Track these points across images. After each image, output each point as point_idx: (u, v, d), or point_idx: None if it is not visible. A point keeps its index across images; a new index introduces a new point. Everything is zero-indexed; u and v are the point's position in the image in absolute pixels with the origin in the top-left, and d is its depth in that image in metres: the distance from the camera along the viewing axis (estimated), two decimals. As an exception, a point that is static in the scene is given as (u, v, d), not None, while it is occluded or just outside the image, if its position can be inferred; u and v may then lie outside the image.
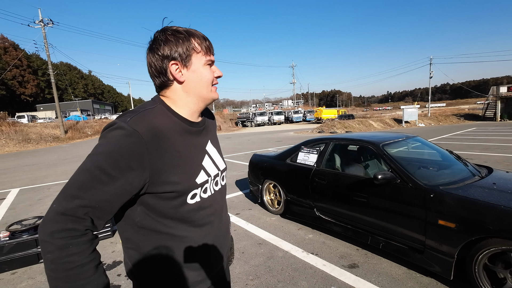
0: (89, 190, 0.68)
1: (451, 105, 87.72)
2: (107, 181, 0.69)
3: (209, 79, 0.85)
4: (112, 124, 0.73)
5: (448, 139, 13.08)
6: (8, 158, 14.09)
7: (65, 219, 0.66)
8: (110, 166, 0.69)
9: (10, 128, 21.13)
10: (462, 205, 2.11)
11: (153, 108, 0.80)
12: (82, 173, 0.70)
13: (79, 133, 26.17)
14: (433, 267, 2.24)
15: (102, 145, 0.71)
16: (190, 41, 0.81)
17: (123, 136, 0.70)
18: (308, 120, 40.45)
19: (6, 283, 2.64)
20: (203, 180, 0.86)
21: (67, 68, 69.38)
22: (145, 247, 0.81)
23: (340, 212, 3.07)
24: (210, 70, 0.86)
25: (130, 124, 0.72)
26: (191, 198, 0.83)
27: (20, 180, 7.86)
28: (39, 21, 22.64)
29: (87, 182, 0.69)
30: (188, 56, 0.81)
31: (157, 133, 0.75)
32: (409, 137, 3.39)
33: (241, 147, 13.41)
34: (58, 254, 0.66)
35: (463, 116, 30.26)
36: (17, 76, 53.98)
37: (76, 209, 0.67)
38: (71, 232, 0.67)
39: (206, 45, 0.84)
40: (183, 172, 0.80)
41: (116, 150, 0.70)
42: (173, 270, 0.83)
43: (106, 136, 0.72)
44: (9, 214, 4.80)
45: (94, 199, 0.69)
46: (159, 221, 0.80)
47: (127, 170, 0.70)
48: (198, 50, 0.82)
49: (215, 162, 0.93)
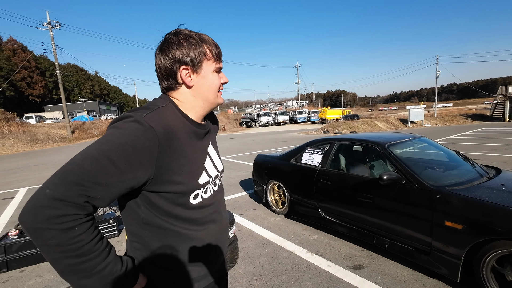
0: (93, 179, 0.65)
1: (458, 105, 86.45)
2: (114, 173, 0.67)
3: (217, 85, 0.87)
4: (127, 117, 0.72)
5: (455, 140, 12.90)
6: (16, 158, 14.35)
7: (65, 204, 0.63)
8: (120, 158, 0.67)
9: (19, 129, 21.53)
10: (469, 206, 2.08)
11: (165, 107, 0.81)
12: (87, 159, 0.66)
13: (86, 134, 26.52)
14: (440, 269, 2.21)
15: (114, 135, 0.69)
16: (202, 47, 0.82)
17: (138, 130, 0.69)
18: (312, 121, 40.28)
19: (15, 281, 2.69)
20: (205, 181, 0.87)
21: (74, 69, 70.37)
22: (151, 242, 0.82)
23: (345, 213, 3.06)
24: (218, 77, 0.87)
25: (147, 120, 0.71)
26: (194, 198, 0.84)
27: (28, 179, 8.00)
28: (47, 23, 23.03)
29: (92, 170, 0.65)
30: (199, 62, 0.82)
31: (169, 132, 0.76)
32: (415, 138, 3.36)
33: (245, 147, 13.43)
34: (64, 237, 0.63)
35: (471, 116, 29.81)
36: (25, 78, 54.97)
37: (77, 197, 0.64)
38: (74, 217, 0.64)
39: (216, 52, 0.85)
40: (187, 172, 0.81)
41: (130, 142, 0.68)
42: (178, 265, 0.84)
43: (120, 127, 0.70)
44: (17, 213, 4.88)
45: (97, 189, 0.66)
46: (163, 219, 0.81)
47: (137, 164, 0.69)
48: (209, 57, 0.84)
49: (215, 163, 0.95)
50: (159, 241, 0.82)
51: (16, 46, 55.93)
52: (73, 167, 0.66)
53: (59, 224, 0.62)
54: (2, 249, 2.84)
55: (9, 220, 4.50)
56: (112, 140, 0.68)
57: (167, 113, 0.79)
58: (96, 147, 0.68)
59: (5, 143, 19.01)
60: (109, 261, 0.71)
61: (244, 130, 32.77)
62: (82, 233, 0.65)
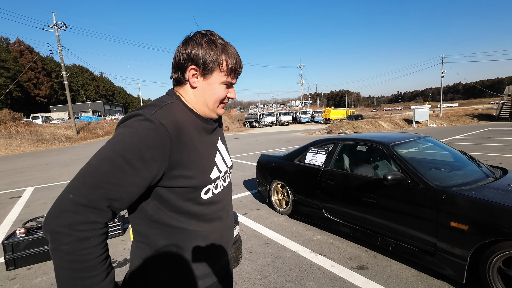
0: (112, 180, 0.67)
1: (464, 105, 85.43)
2: (130, 172, 0.68)
3: (219, 97, 0.85)
4: (136, 115, 0.73)
5: (460, 140, 12.75)
6: (23, 157, 14.55)
7: (87, 211, 0.65)
8: (135, 157, 0.68)
9: (26, 129, 21.83)
10: (475, 207, 2.06)
11: (173, 103, 0.82)
12: (103, 161, 0.67)
13: (91, 134, 26.78)
14: (445, 270, 2.20)
15: (126, 134, 0.70)
16: (220, 57, 0.81)
17: (150, 128, 0.70)
18: (316, 121, 40.15)
19: (22, 278, 2.74)
20: (216, 176, 0.88)
21: (79, 70, 71.15)
22: (156, 240, 0.83)
23: (349, 213, 3.04)
24: (224, 90, 0.85)
25: (156, 117, 0.72)
26: (205, 194, 0.85)
27: (35, 179, 8.11)
28: (53, 25, 23.32)
29: (110, 171, 0.67)
30: (210, 69, 0.81)
31: (179, 127, 0.76)
32: (420, 138, 3.33)
33: (248, 147, 13.44)
34: (77, 246, 0.65)
35: (477, 116, 29.42)
36: (32, 78, 55.79)
37: (99, 201, 0.66)
38: (94, 225, 0.66)
39: (233, 67, 0.83)
40: (199, 167, 0.82)
41: (142, 141, 0.69)
42: (182, 263, 0.85)
43: (130, 125, 0.71)
44: (24, 211, 4.96)
45: (117, 190, 0.68)
46: (171, 215, 0.81)
47: (151, 161, 0.70)
48: (223, 69, 0.82)
49: (224, 159, 0.95)
50: (165, 239, 0.82)
51: (23, 47, 56.77)
52: (91, 170, 0.67)
53: (78, 232, 0.64)
54: (9, 247, 2.88)
55: (16, 218, 4.57)
56: (124, 140, 0.69)
57: (175, 109, 0.80)
58: (109, 147, 0.69)
59: (12, 143, 19.29)
60: (105, 284, 0.71)
61: (247, 130, 32.79)
62: (94, 246, 0.67)
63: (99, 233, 0.68)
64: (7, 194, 6.36)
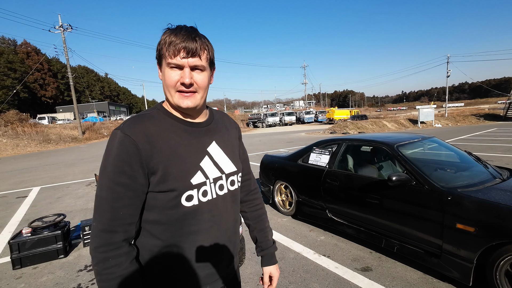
0: (112, 203, 0.75)
1: (470, 104, 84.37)
2: (122, 190, 0.75)
3: (167, 83, 0.79)
4: (111, 135, 0.79)
5: (466, 140, 12.60)
6: (30, 157, 14.74)
7: (104, 234, 0.75)
8: (119, 175, 0.75)
9: (32, 129, 22.13)
10: (482, 209, 2.03)
11: (149, 113, 0.84)
12: (102, 188, 0.76)
13: (96, 134, 27.04)
14: (451, 272, 2.17)
15: (106, 158, 0.77)
16: (165, 41, 0.77)
17: (118, 143, 0.76)
18: (319, 121, 40.00)
19: (28, 277, 2.77)
20: (199, 182, 0.82)
21: (84, 71, 71.87)
22: (141, 248, 0.84)
23: (353, 214, 3.02)
24: (173, 74, 0.79)
25: (123, 130, 0.77)
26: (187, 200, 0.80)
27: (41, 178, 8.21)
28: (59, 26, 23.61)
29: (108, 196, 0.75)
30: (159, 57, 0.80)
31: (149, 134, 0.78)
32: (425, 138, 3.30)
33: (252, 147, 13.44)
34: (102, 266, 0.74)
35: (483, 116, 29.01)
36: (38, 79, 56.53)
37: (111, 223, 0.75)
38: (110, 246, 0.75)
39: (176, 48, 0.76)
40: (178, 171, 0.79)
41: (117, 157, 0.75)
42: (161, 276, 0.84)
43: (108, 148, 0.78)
44: (31, 211, 5.02)
45: (121, 209, 0.76)
46: (152, 223, 0.82)
47: (132, 172, 0.76)
48: (163, 51, 0.78)
49: (217, 164, 0.88)
50: (146, 249, 0.83)
51: (29, 49, 57.54)
52: (98, 199, 0.77)
53: (99, 253, 0.74)
54: (16, 247, 2.92)
55: (22, 218, 4.63)
56: (107, 163, 0.76)
57: (149, 117, 0.82)
58: (102, 174, 0.77)
59: (19, 143, 19.57)
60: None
61: (251, 131, 32.80)
62: (114, 266, 0.74)
63: (116, 254, 0.75)
64: (14, 194, 6.44)
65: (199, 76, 0.80)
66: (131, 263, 0.77)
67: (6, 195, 6.35)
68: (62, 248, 3.11)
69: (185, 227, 0.82)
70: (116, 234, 0.75)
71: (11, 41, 58.76)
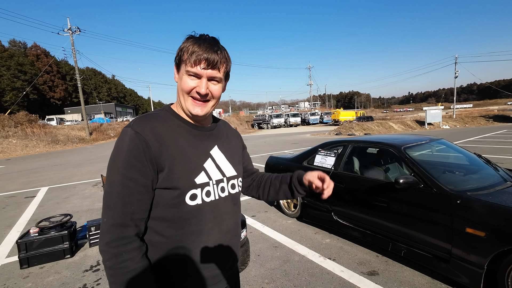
0: (124, 198, 0.76)
1: (479, 106, 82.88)
2: (133, 185, 0.77)
3: (183, 88, 0.83)
4: (121, 132, 0.81)
5: (475, 142, 12.36)
6: (39, 158, 15.00)
7: (116, 229, 0.76)
8: (129, 170, 0.76)
9: (41, 130, 22.52)
10: (492, 213, 1.97)
11: (157, 113, 0.87)
12: (113, 184, 0.77)
13: (103, 135, 27.39)
14: (460, 277, 2.11)
15: (116, 155, 0.78)
16: (188, 49, 0.81)
17: (129, 139, 0.78)
18: (325, 122, 39.80)
19: (35, 277, 2.80)
20: (203, 182, 0.85)
21: (92, 73, 73.00)
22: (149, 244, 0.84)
23: (359, 217, 2.98)
24: (190, 81, 0.82)
25: (134, 128, 0.79)
26: (191, 199, 0.82)
27: (49, 179, 8.34)
28: (68, 29, 24.04)
29: (120, 191, 0.76)
30: (179, 62, 0.85)
31: (157, 132, 0.81)
32: (433, 140, 3.24)
33: (257, 149, 13.43)
34: (114, 261, 0.75)
35: (492, 117, 28.46)
36: (47, 81, 57.67)
37: (123, 217, 0.76)
38: (123, 241, 0.76)
39: (194, 58, 0.80)
40: (183, 169, 0.82)
41: (128, 153, 0.77)
42: (164, 274, 0.84)
43: (117, 145, 0.79)
44: (38, 211, 5.10)
45: (131, 203, 0.77)
46: (156, 220, 0.83)
47: (143, 167, 0.77)
48: (184, 57, 0.82)
49: (219, 167, 0.92)
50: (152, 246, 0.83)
51: (39, 51, 58.79)
52: (108, 195, 0.78)
53: (112, 248, 0.75)
54: (23, 246, 2.96)
55: (30, 218, 4.70)
56: (118, 159, 0.78)
57: (156, 117, 0.85)
58: (111, 169, 0.78)
59: (29, 143, 19.93)
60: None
61: (255, 132, 32.81)
62: (128, 260, 0.76)
63: (129, 248, 0.76)
64: (22, 194, 6.56)
65: (215, 87, 0.85)
66: (143, 257, 0.79)
67: (15, 195, 6.46)
68: (69, 248, 3.15)
69: (187, 227, 0.83)
70: (128, 228, 0.77)
71: (22, 44, 60.12)
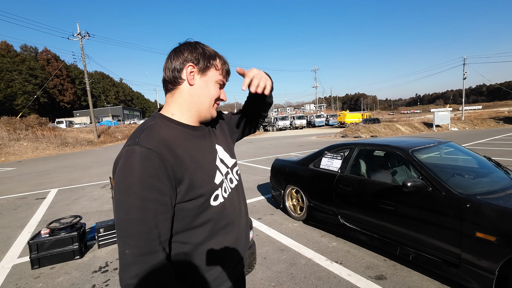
0: (148, 222, 0.70)
1: (488, 107, 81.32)
2: (154, 207, 0.71)
3: (214, 95, 0.89)
4: (126, 152, 0.74)
5: (485, 145, 12.12)
6: (48, 160, 15.30)
7: (145, 258, 0.69)
8: (148, 192, 0.70)
9: (51, 133, 23.00)
10: (503, 217, 1.94)
11: (154, 123, 0.82)
12: (130, 210, 0.70)
13: (111, 137, 27.77)
14: (470, 283, 2.08)
15: (127, 177, 0.71)
16: (214, 59, 0.88)
17: (140, 158, 0.71)
18: (331, 125, 39.59)
19: (46, 277, 2.86)
20: (220, 180, 0.88)
21: (100, 76, 74.28)
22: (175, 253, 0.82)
23: (366, 220, 2.96)
24: (218, 89, 0.90)
25: (142, 144, 0.73)
26: (214, 200, 0.84)
27: (58, 181, 8.50)
28: (77, 34, 24.57)
29: (141, 217, 0.70)
30: (207, 68, 0.86)
31: (168, 144, 0.77)
32: (441, 143, 3.20)
33: (262, 151, 13.43)
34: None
35: (503, 119, 27.84)
36: (57, 85, 58.89)
37: (150, 244, 0.70)
38: (155, 267, 0.70)
39: (226, 68, 0.92)
40: (203, 174, 0.82)
41: (143, 173, 0.71)
42: (195, 276, 0.85)
43: (127, 166, 0.72)
44: (49, 212, 5.20)
45: (156, 228, 0.72)
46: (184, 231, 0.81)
47: (162, 186, 0.73)
48: (218, 67, 0.88)
49: (223, 160, 0.95)
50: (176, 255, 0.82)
51: (50, 56, 60.14)
52: (126, 223, 0.70)
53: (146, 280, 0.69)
54: (35, 247, 3.03)
55: (41, 219, 4.80)
56: (131, 182, 0.70)
57: (157, 128, 0.81)
58: (126, 194, 0.71)
59: (39, 146, 20.36)
60: None
61: (261, 134, 32.81)
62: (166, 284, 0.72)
63: (164, 275, 0.72)
64: (33, 195, 6.70)
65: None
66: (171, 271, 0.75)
67: (26, 197, 6.60)
68: (78, 249, 3.20)
69: (217, 224, 0.86)
70: (158, 254, 0.71)
71: (33, 48, 61.60)
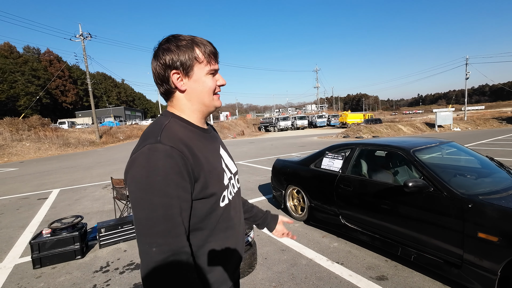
0: (175, 219, 0.70)
1: (491, 107, 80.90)
2: (179, 203, 0.71)
3: (211, 88, 0.85)
4: (148, 151, 0.72)
5: (488, 145, 12.05)
6: (51, 160, 15.38)
7: (175, 255, 0.69)
8: (173, 189, 0.70)
9: (53, 134, 23.12)
10: (506, 217, 1.92)
11: (169, 123, 0.81)
12: (154, 208, 0.69)
13: (112, 138, 27.88)
14: (473, 284, 2.06)
15: (150, 175, 0.69)
16: (193, 50, 0.81)
17: (164, 156, 0.71)
18: (332, 125, 39.56)
19: (47, 277, 2.87)
20: (227, 182, 0.89)
21: (102, 77, 74.57)
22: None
23: (367, 221, 2.95)
24: (212, 79, 0.85)
25: (165, 142, 0.73)
26: (222, 201, 0.85)
27: (60, 181, 8.54)
28: (79, 35, 24.70)
29: (168, 213, 0.69)
30: (190, 66, 0.81)
31: (186, 143, 0.77)
32: (443, 143, 3.19)
33: (264, 152, 13.43)
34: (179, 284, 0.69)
35: (505, 119, 27.70)
36: (59, 86, 59.24)
37: (179, 241, 0.71)
38: (185, 262, 0.70)
39: (210, 53, 0.83)
40: (215, 175, 0.83)
41: (168, 171, 0.70)
42: (200, 273, 0.85)
43: (150, 164, 0.70)
44: (51, 212, 5.22)
45: (182, 224, 0.72)
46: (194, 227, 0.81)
47: (185, 183, 0.73)
48: (200, 60, 0.82)
49: (227, 165, 0.95)
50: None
51: (52, 57, 60.54)
52: (152, 222, 0.69)
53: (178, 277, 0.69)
54: (36, 247, 3.04)
55: (43, 219, 4.82)
56: (154, 180, 0.69)
57: (174, 127, 0.80)
58: (147, 194, 0.69)
59: (41, 146, 20.47)
60: None
61: (262, 135, 32.82)
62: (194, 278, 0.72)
63: (191, 267, 0.72)
64: (35, 196, 6.73)
65: None
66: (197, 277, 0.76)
67: (29, 197, 6.64)
68: (79, 249, 3.21)
69: (222, 225, 0.87)
70: (186, 248, 0.72)
71: (35, 49, 62.00)
